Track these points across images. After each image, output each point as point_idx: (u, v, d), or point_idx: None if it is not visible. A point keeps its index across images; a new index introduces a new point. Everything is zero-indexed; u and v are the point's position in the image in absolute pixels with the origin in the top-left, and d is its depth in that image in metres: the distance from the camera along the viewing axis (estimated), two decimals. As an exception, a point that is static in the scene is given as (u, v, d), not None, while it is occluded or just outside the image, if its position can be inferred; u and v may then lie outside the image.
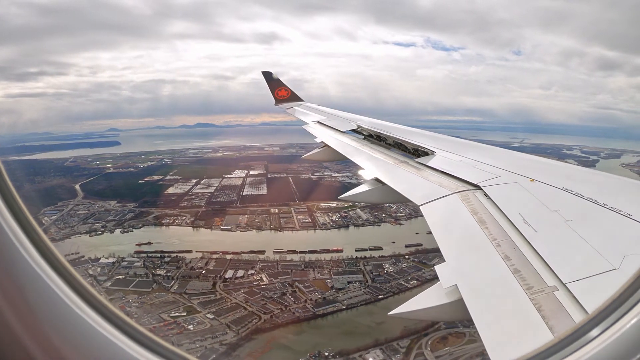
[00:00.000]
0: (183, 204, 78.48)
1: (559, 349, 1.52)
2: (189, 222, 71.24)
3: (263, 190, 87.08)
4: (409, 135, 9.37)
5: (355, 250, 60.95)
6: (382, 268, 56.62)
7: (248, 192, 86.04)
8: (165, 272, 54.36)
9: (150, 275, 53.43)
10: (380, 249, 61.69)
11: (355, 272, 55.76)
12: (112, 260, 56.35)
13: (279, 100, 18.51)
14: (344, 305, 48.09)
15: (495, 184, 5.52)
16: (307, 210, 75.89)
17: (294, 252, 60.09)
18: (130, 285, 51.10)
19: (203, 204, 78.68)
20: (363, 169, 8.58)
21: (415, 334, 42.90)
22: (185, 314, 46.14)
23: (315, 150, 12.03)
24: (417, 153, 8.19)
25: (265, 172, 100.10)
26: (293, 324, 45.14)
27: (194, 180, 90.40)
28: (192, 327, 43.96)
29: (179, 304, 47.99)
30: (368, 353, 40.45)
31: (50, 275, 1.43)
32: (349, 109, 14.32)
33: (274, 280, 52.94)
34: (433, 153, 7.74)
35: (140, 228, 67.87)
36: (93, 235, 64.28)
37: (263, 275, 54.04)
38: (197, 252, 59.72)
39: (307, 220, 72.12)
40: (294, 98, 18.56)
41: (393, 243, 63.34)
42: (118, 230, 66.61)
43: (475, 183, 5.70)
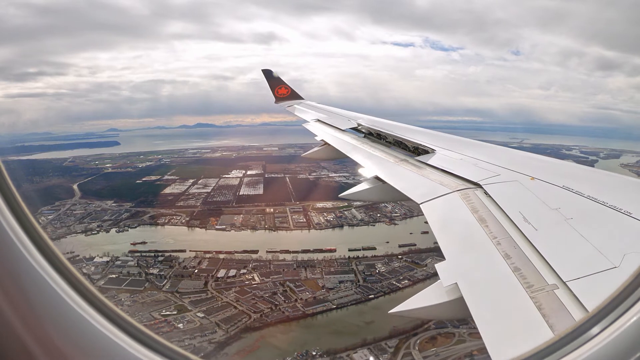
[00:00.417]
0: (179, 204, 78.92)
1: (559, 347, 1.52)
2: (185, 221, 71.67)
3: (260, 190, 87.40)
4: (409, 134, 9.30)
5: (349, 250, 61.06)
6: (374, 268, 56.69)
7: (244, 192, 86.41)
8: (158, 271, 54.76)
9: (143, 274, 53.89)
10: (374, 249, 61.74)
11: (347, 271, 55.88)
12: (106, 260, 56.87)
13: (279, 99, 18.34)
14: (334, 305, 48.25)
15: (496, 182, 5.50)
16: (302, 210, 76.11)
17: (287, 251, 60.33)
18: (123, 284, 51.57)
19: (199, 204, 79.12)
20: (363, 167, 8.51)
21: (404, 334, 42.97)
22: (176, 313, 46.54)
23: (315, 149, 11.96)
24: (417, 151, 8.16)
25: (263, 172, 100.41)
26: (282, 323, 45.37)
27: (191, 180, 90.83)
28: (182, 325, 44.33)
29: (170, 303, 48.39)
30: (356, 353, 40.53)
31: (51, 275, 1.44)
32: (349, 109, 14.25)
33: (266, 280, 53.19)
34: (433, 151, 7.72)
35: (136, 227, 68.38)
36: (89, 235, 64.91)
37: (255, 275, 54.32)
38: (190, 251, 60.14)
39: (301, 220, 72.34)
40: (294, 96, 18.41)
41: (387, 243, 63.41)
42: (114, 230, 67.19)
43: (476, 181, 5.67)
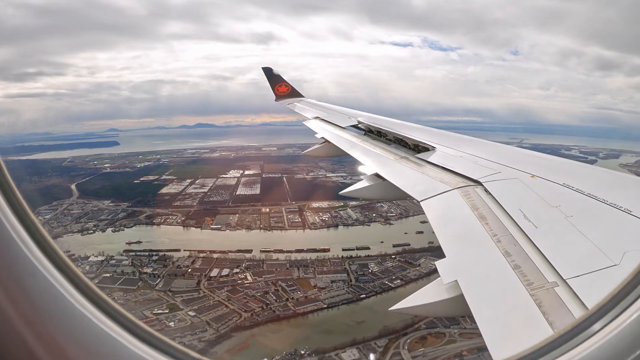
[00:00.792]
0: (176, 204, 79.30)
1: (559, 345, 1.51)
2: (180, 221, 72.05)
3: (256, 190, 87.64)
4: (409, 131, 9.31)
5: (342, 250, 61.13)
6: (367, 267, 56.72)
7: (241, 192, 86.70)
8: (152, 270, 55.09)
9: (137, 273, 54.25)
10: (368, 249, 61.76)
11: (340, 271, 55.95)
12: (101, 259, 57.30)
13: (280, 96, 18.32)
14: (325, 305, 48.36)
15: (496, 180, 5.48)
16: (297, 210, 76.28)
17: (281, 251, 60.51)
18: (117, 283, 51.91)
19: (195, 204, 79.48)
20: (363, 165, 8.53)
21: (394, 334, 43.02)
22: (168, 311, 46.86)
23: (316, 146, 11.97)
24: (417, 149, 8.17)
25: (261, 172, 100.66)
26: (273, 322, 45.56)
27: (189, 180, 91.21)
28: (172, 324, 44.60)
29: (163, 302, 48.73)
30: (344, 352, 40.62)
31: (52, 273, 1.44)
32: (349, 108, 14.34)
33: (258, 279, 53.40)
34: (433, 149, 7.71)
35: (132, 227, 68.77)
36: (85, 234, 65.42)
37: (248, 274, 54.55)
38: (185, 250, 60.45)
39: (297, 220, 72.50)
40: (295, 94, 18.39)
41: (381, 243, 63.45)
42: (110, 229, 67.59)
43: (476, 179, 5.67)
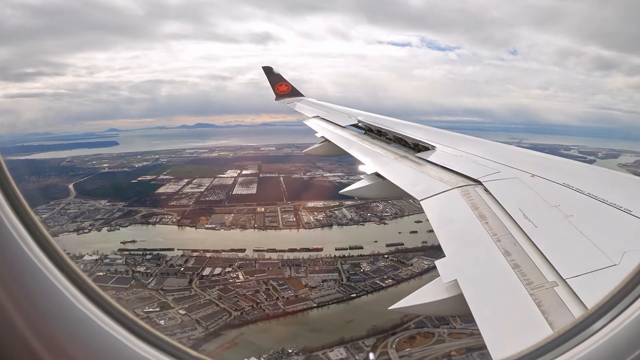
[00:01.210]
0: (172, 203, 79.65)
1: (559, 344, 1.52)
2: (176, 220, 72.44)
3: (253, 190, 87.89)
4: (410, 130, 9.36)
5: (335, 249, 61.24)
6: (359, 267, 56.80)
7: (237, 191, 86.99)
8: (145, 269, 55.50)
9: (130, 272, 54.66)
10: (361, 248, 61.84)
11: (332, 270, 56.05)
12: (95, 258, 57.77)
13: (280, 95, 18.32)
14: (315, 304, 48.51)
15: (496, 179, 5.49)
16: (293, 210, 76.47)
17: (274, 250, 60.73)
18: (110, 282, 52.34)
19: (191, 203, 79.85)
20: (363, 164, 8.55)
21: (383, 333, 43.05)
22: (159, 310, 47.24)
23: (316, 145, 12.01)
24: (417, 148, 8.19)
25: (258, 171, 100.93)
26: (262, 321, 45.78)
27: (186, 180, 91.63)
28: (163, 322, 44.94)
29: (154, 300, 49.11)
30: (332, 351, 40.73)
31: (53, 272, 1.43)
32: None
33: (250, 278, 53.63)
34: (433, 148, 7.75)
35: (128, 226, 69.27)
36: (80, 234, 65.95)
37: (240, 273, 54.81)
38: (178, 249, 60.81)
39: (291, 220, 72.70)
40: (295, 93, 18.40)
41: (375, 242, 63.51)
42: (105, 229, 68.14)
43: (476, 178, 5.69)
